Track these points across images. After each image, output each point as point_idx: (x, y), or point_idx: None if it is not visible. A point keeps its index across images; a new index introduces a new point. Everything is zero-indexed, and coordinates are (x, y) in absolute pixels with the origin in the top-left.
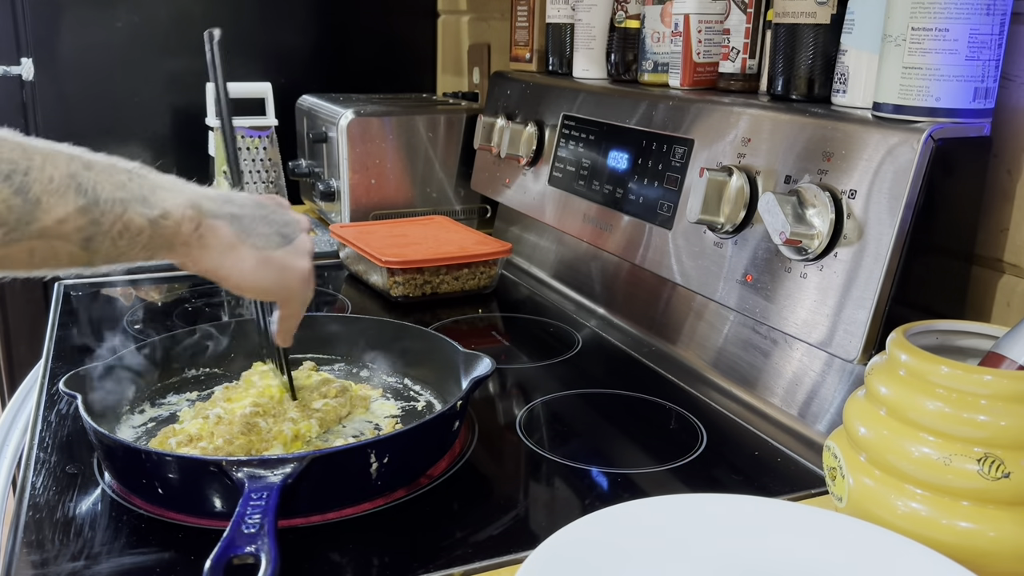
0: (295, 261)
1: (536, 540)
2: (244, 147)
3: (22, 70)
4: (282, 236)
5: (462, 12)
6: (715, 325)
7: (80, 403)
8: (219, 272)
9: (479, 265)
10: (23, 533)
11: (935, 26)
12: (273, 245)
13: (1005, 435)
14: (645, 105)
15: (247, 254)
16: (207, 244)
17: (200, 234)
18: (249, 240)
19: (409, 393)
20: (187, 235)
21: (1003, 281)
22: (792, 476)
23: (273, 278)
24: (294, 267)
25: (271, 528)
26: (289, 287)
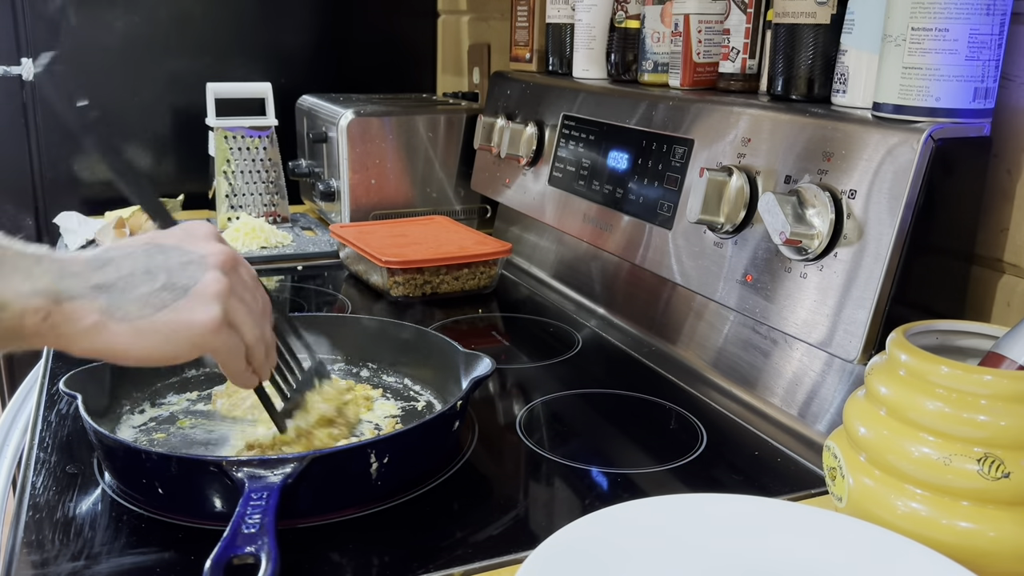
0: (189, 315)
1: (536, 540)
2: (244, 147)
3: (22, 70)
4: (172, 289)
5: (462, 12)
6: (715, 325)
7: (80, 403)
8: (97, 354)
9: (479, 265)
10: (23, 533)
11: (935, 26)
12: (154, 308)
13: (1005, 435)
14: (645, 105)
15: (118, 331)
16: (63, 332)
17: (52, 323)
18: (119, 313)
19: (409, 393)
20: (35, 326)
21: (1003, 281)
22: (792, 476)
23: (163, 346)
24: (188, 323)
25: (271, 528)
26: (194, 346)
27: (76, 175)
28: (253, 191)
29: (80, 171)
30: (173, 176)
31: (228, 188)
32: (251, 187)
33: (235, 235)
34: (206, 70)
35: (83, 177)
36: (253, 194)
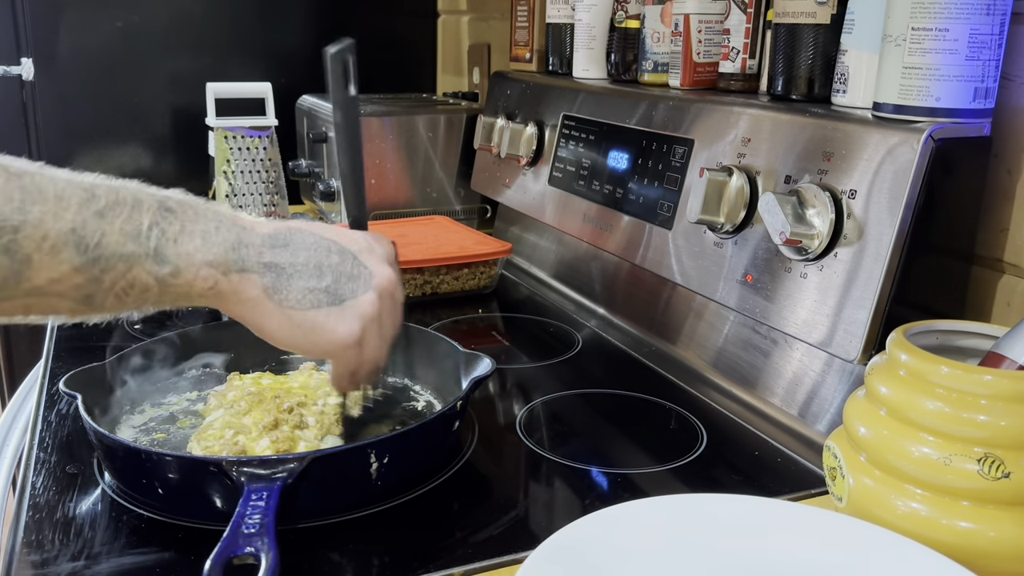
0: (334, 325)
1: (536, 540)
2: (244, 147)
3: (22, 70)
4: (331, 294)
5: (462, 12)
6: (715, 325)
7: (80, 403)
8: (245, 323)
9: (479, 265)
10: (23, 533)
11: (935, 26)
12: (310, 304)
13: (1005, 435)
14: (645, 105)
15: (272, 311)
16: (226, 300)
17: (217, 291)
18: (278, 296)
19: (409, 393)
20: (201, 291)
21: (1003, 281)
22: (792, 476)
23: (300, 339)
24: (330, 331)
25: (271, 528)
26: (322, 350)
27: None
28: (253, 191)
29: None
30: (173, 176)
31: (228, 188)
32: (251, 187)
33: None
34: (206, 70)
35: None
36: (253, 194)
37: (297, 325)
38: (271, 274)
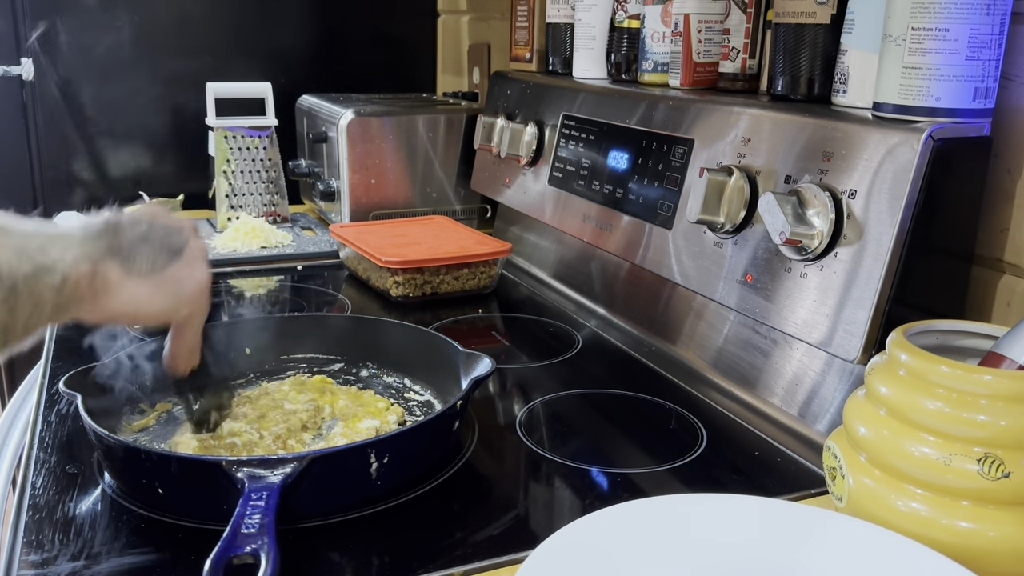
0: (190, 272)
1: (536, 540)
2: (244, 147)
3: (22, 70)
4: (169, 251)
5: (462, 12)
6: (715, 325)
7: (80, 403)
8: (114, 313)
9: (479, 265)
10: (23, 533)
11: (935, 26)
12: (161, 265)
13: (1005, 435)
14: (645, 105)
15: (139, 285)
16: (99, 292)
17: (93, 286)
18: (135, 268)
19: (409, 393)
20: (83, 292)
21: (1003, 281)
22: (792, 476)
23: (169, 298)
24: (190, 279)
25: (271, 528)
26: (190, 301)
27: (76, 175)
28: (253, 191)
29: (80, 171)
30: (173, 176)
31: (228, 188)
32: (251, 187)
33: (235, 235)
34: (206, 70)
35: (83, 177)
36: (253, 194)
37: (161, 286)
38: (118, 257)
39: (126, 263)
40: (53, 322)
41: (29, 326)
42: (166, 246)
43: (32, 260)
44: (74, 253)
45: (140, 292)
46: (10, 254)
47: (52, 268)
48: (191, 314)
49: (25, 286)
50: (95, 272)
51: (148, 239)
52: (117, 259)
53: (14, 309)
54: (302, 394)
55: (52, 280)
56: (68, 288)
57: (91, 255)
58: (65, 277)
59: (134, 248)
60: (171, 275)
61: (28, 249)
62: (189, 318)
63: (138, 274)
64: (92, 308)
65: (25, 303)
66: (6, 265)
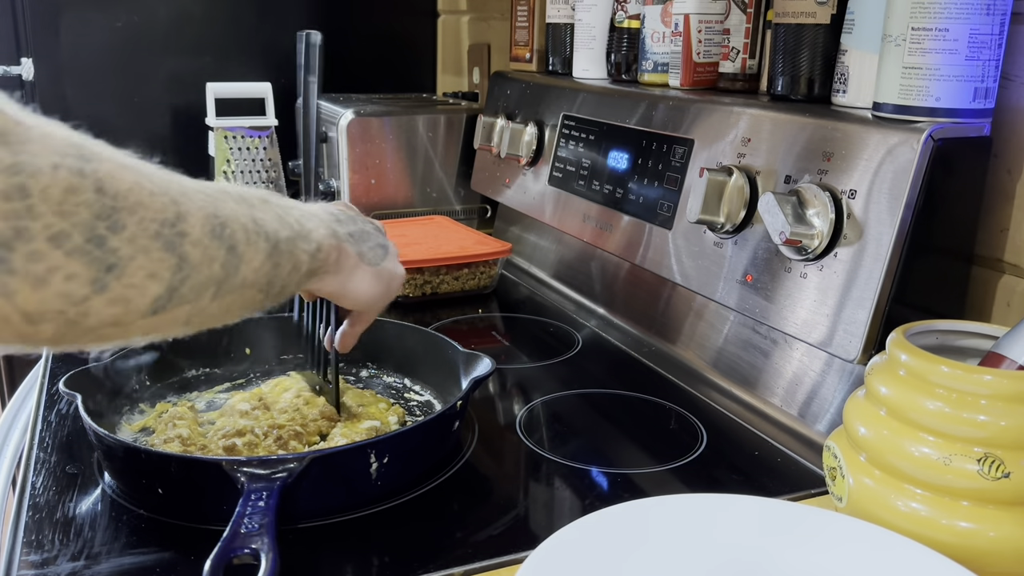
0: (395, 269)
1: (536, 540)
2: (244, 147)
3: (22, 70)
4: (383, 247)
5: (462, 12)
6: (715, 325)
7: (80, 403)
8: (341, 292)
9: (479, 265)
10: (23, 533)
11: (935, 26)
12: (379, 258)
13: (1005, 435)
14: (645, 105)
15: (366, 273)
16: (341, 269)
17: (338, 263)
18: (366, 257)
19: (409, 393)
20: (330, 264)
21: (1003, 281)
22: (792, 476)
23: (383, 291)
24: (397, 276)
25: (271, 528)
26: (391, 294)
27: None
28: None
29: None
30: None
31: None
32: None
33: None
34: (206, 70)
35: None
36: None
37: (379, 278)
38: (354, 241)
39: (359, 250)
40: (305, 284)
41: (288, 283)
42: (379, 242)
43: (291, 227)
44: (328, 228)
45: (366, 278)
46: (273, 219)
47: (309, 236)
48: (376, 308)
49: (286, 246)
50: (341, 249)
51: (365, 233)
52: (354, 244)
53: (278, 265)
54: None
55: (308, 247)
56: (320, 256)
57: (337, 235)
58: (319, 246)
59: (363, 238)
60: (387, 269)
61: (288, 218)
62: (374, 312)
63: (368, 262)
64: (333, 280)
65: (287, 261)
66: (271, 227)
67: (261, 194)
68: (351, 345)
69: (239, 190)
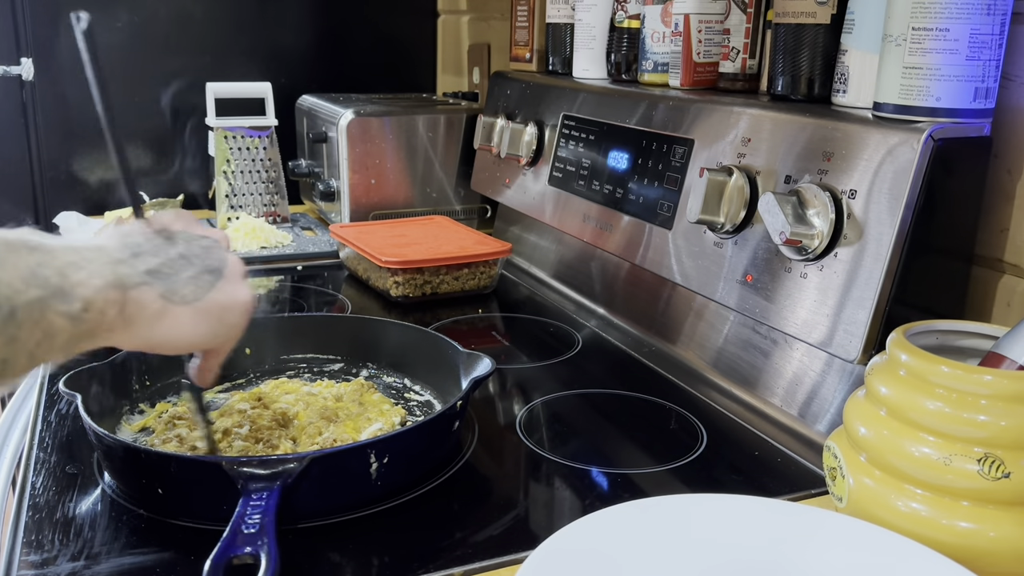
0: (234, 296)
1: (536, 540)
2: (244, 147)
3: (22, 70)
4: (210, 272)
5: (462, 12)
6: (715, 325)
7: (80, 403)
8: (151, 344)
9: (479, 265)
10: (23, 533)
11: (935, 26)
12: (204, 290)
13: (1005, 435)
14: (645, 105)
15: (181, 314)
16: (133, 322)
17: (125, 315)
18: (178, 296)
19: (409, 393)
20: (111, 321)
21: (1003, 281)
22: (792, 476)
23: (215, 327)
24: (235, 303)
25: (271, 528)
26: (234, 327)
27: (76, 175)
28: (253, 191)
29: (80, 171)
30: (173, 176)
31: (228, 188)
32: (251, 187)
33: (235, 235)
34: (206, 70)
35: (83, 177)
36: (253, 194)
37: (207, 314)
38: (157, 280)
39: (168, 289)
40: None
41: (37, 356)
42: (206, 266)
43: (45, 284)
44: (105, 276)
45: (182, 322)
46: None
47: (68, 294)
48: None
49: (28, 314)
50: (126, 299)
51: (188, 259)
52: (157, 284)
53: (15, 339)
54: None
55: (68, 307)
56: (90, 316)
57: (125, 280)
58: (87, 304)
59: (175, 271)
60: (214, 301)
61: (43, 272)
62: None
63: (181, 301)
64: (124, 337)
65: (31, 332)
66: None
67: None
68: (209, 380)
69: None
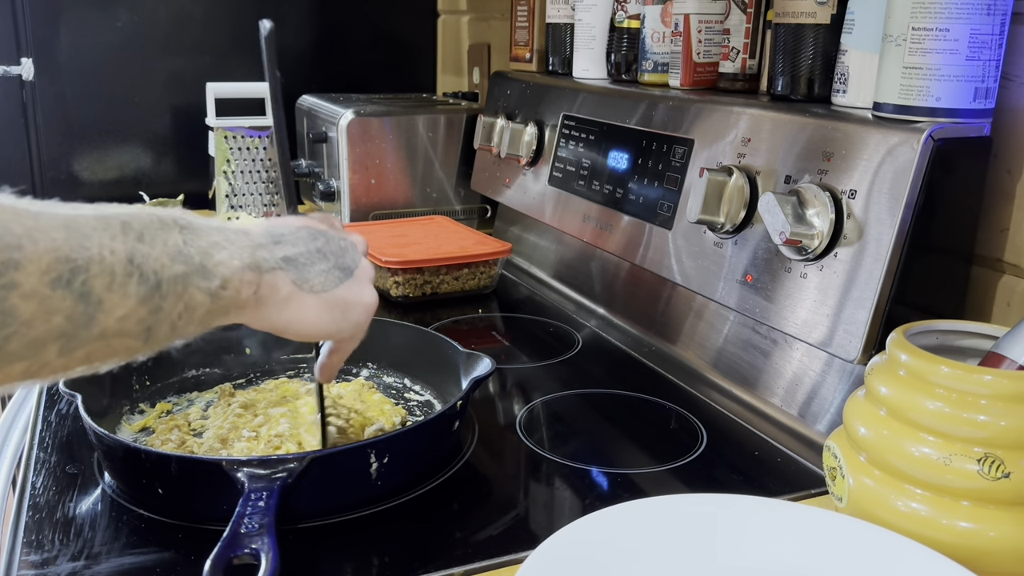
0: (359, 295)
1: (536, 540)
2: (244, 147)
3: (22, 70)
4: (342, 269)
5: (462, 12)
6: (715, 325)
7: (80, 403)
8: (277, 327)
9: (479, 265)
10: (23, 533)
11: (935, 26)
12: (332, 283)
13: (1005, 435)
14: (645, 105)
15: (308, 302)
16: (264, 303)
17: (259, 296)
18: (308, 284)
19: (409, 393)
20: (245, 300)
21: (1003, 281)
22: (792, 476)
23: (338, 320)
24: (359, 302)
25: (271, 528)
26: (355, 325)
27: (76, 175)
28: (253, 191)
29: (80, 171)
30: (173, 176)
31: (228, 188)
32: (251, 187)
33: None
34: (206, 70)
35: (83, 177)
36: (253, 194)
37: (332, 307)
38: (292, 267)
39: (300, 277)
40: (210, 325)
41: (178, 328)
42: (340, 264)
43: (188, 261)
44: (243, 258)
45: (308, 309)
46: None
47: (211, 272)
48: (353, 336)
49: (171, 287)
50: (261, 281)
51: (324, 254)
52: (291, 271)
53: (159, 309)
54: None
55: (208, 283)
56: (227, 294)
57: (261, 263)
58: (225, 281)
59: (310, 262)
60: (341, 296)
61: (188, 250)
62: (351, 340)
63: (310, 290)
64: (254, 316)
65: (174, 304)
66: (155, 264)
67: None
68: (330, 377)
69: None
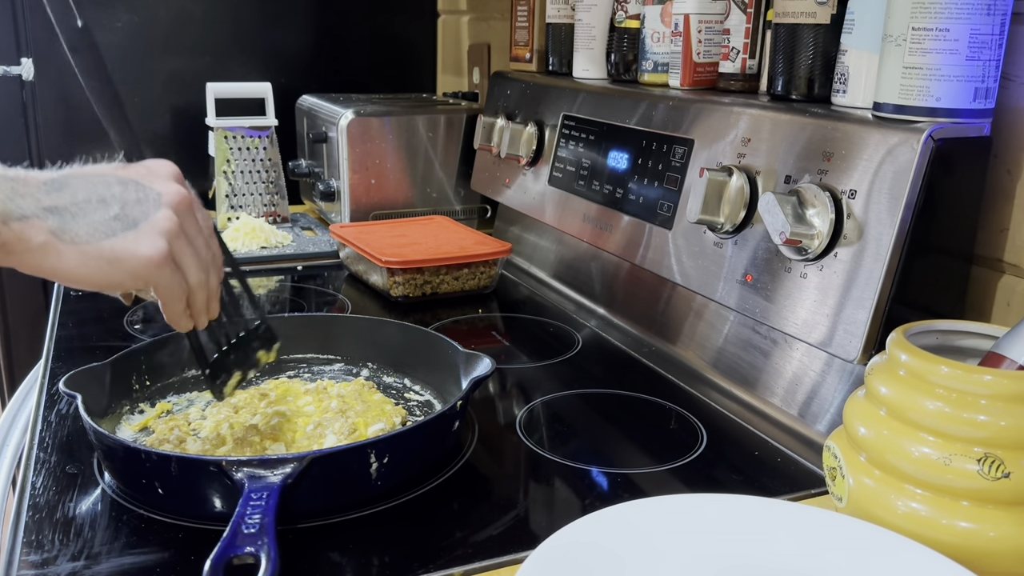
0: (135, 247)
1: (536, 540)
2: (244, 147)
3: (22, 70)
4: (123, 220)
5: (462, 12)
6: (715, 325)
7: (80, 403)
8: (43, 274)
9: (479, 265)
10: (23, 533)
11: (935, 26)
12: (103, 235)
13: (1005, 435)
14: (645, 105)
15: (67, 252)
16: (13, 251)
17: (4, 244)
18: (68, 235)
19: (409, 393)
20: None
21: (1003, 281)
22: (792, 476)
23: (106, 271)
24: (132, 253)
25: (271, 528)
26: (134, 275)
27: None
28: (253, 191)
29: None
30: None
31: (228, 188)
32: (251, 187)
33: (235, 235)
34: (206, 70)
35: None
36: (253, 194)
37: (95, 258)
38: (54, 217)
39: (61, 226)
40: None
41: None
42: (123, 215)
43: None
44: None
45: (67, 259)
46: None
47: None
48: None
49: None
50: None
51: (107, 203)
52: (51, 220)
53: None
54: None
55: None
56: None
57: (12, 211)
58: None
59: (82, 212)
60: (108, 247)
61: None
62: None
63: (71, 241)
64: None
65: None
66: None
67: None
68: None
69: None
